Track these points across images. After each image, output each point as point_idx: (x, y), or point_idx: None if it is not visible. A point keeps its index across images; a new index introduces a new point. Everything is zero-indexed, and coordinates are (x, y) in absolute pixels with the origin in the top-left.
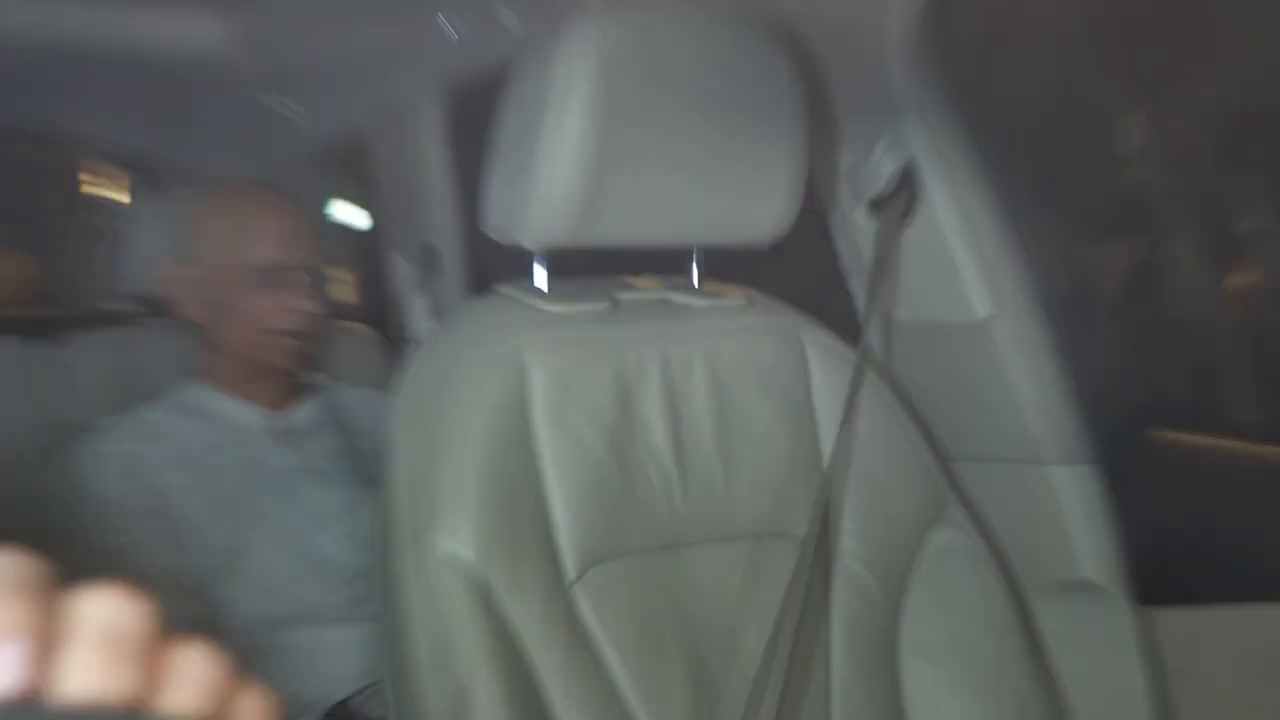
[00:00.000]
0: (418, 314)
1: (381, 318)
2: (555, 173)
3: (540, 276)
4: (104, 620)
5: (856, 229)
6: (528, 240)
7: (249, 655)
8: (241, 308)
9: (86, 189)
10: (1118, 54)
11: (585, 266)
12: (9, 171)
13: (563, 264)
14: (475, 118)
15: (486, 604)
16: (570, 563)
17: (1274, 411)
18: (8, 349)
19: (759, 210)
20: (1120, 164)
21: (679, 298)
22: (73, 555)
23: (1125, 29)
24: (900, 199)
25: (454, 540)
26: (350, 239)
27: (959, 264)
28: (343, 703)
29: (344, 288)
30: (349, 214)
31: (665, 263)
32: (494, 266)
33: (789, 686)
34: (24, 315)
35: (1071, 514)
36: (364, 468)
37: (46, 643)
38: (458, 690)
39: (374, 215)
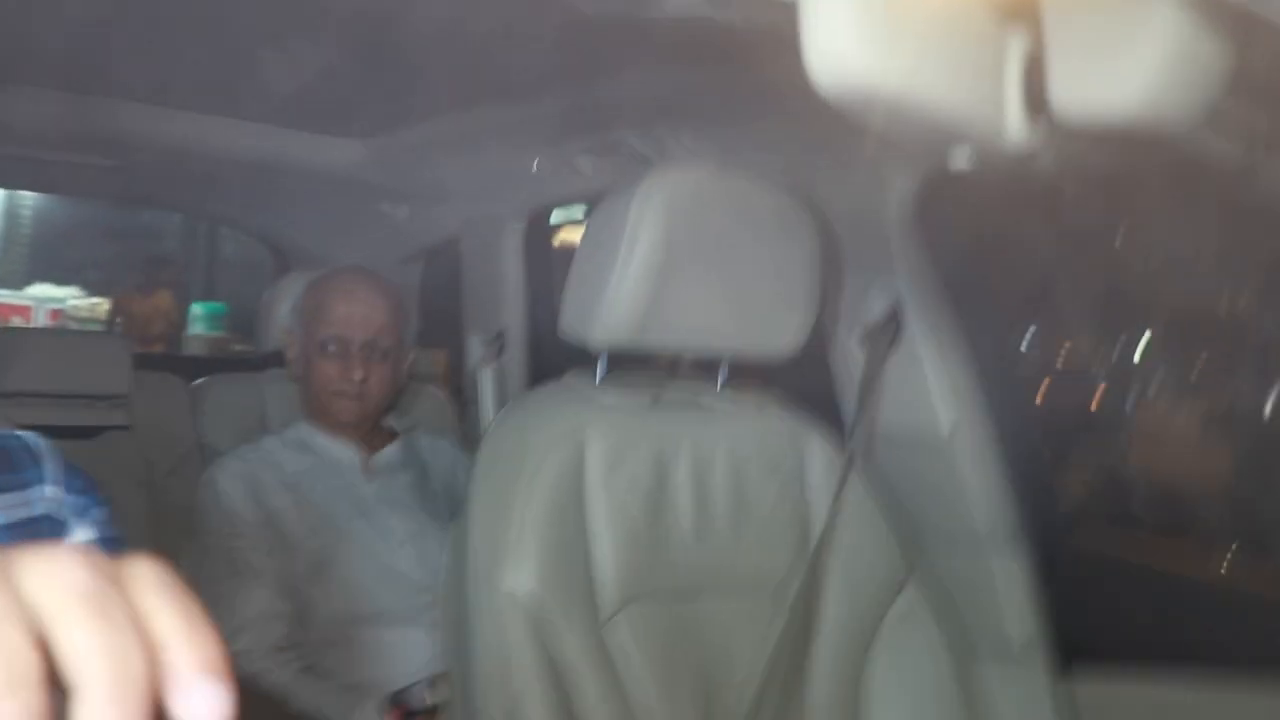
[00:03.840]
0: (486, 383)
1: (458, 384)
2: (623, 290)
3: (601, 370)
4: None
5: (849, 355)
6: (595, 340)
7: (332, 645)
8: (314, 370)
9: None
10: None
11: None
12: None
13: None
14: (545, 236)
15: (539, 632)
16: (608, 601)
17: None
18: (171, 382)
19: (777, 331)
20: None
21: (707, 398)
22: (202, 551)
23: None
24: (887, 333)
25: (517, 578)
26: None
27: (928, 388)
28: (402, 690)
29: (427, 359)
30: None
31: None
32: (548, 350)
33: (777, 713)
34: (178, 354)
35: (1007, 591)
36: (434, 503)
37: None
38: (512, 699)
39: (460, 303)
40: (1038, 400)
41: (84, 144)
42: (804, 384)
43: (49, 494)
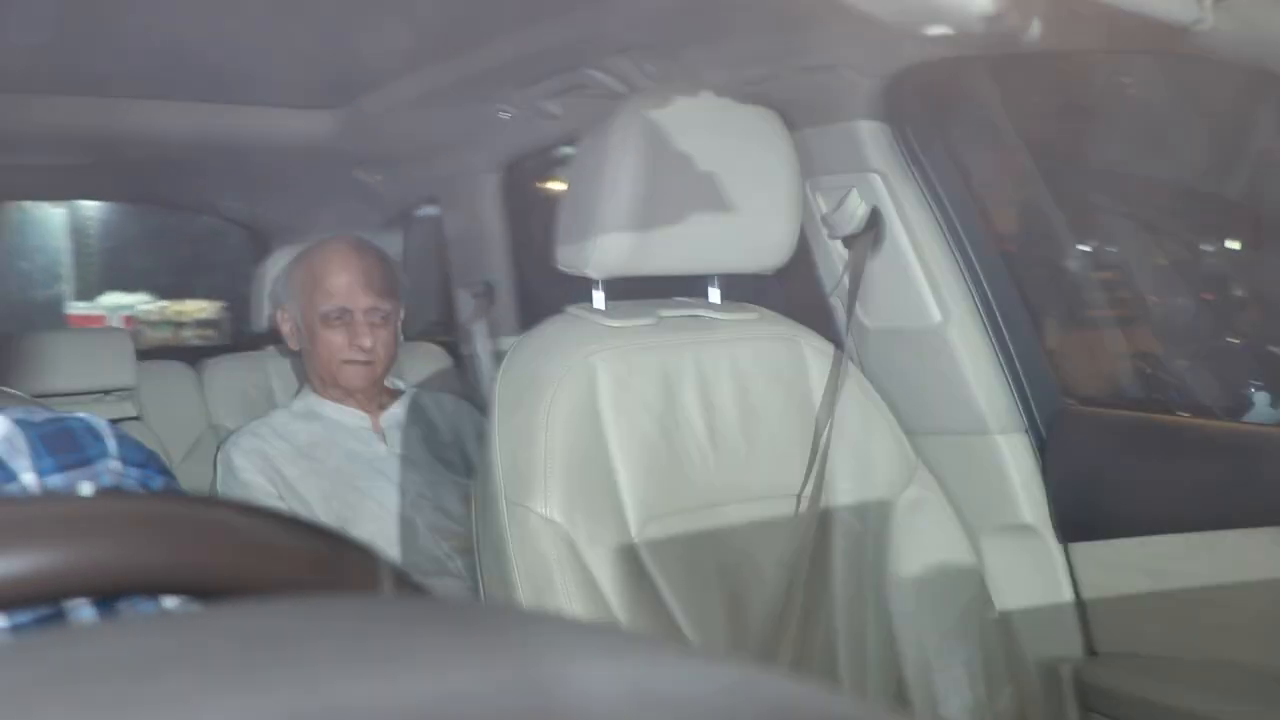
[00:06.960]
0: (479, 336)
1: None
2: (613, 219)
3: (600, 299)
4: None
5: (834, 259)
6: (592, 270)
7: None
8: (319, 341)
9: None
10: (1019, 125)
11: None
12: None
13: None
14: (524, 182)
15: (572, 553)
16: (633, 519)
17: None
18: (175, 369)
19: (766, 245)
20: (1030, 206)
21: (706, 313)
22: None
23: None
24: (868, 236)
25: (545, 506)
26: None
27: (916, 283)
28: None
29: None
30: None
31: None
32: (537, 297)
33: (805, 610)
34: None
35: (1010, 472)
36: (443, 455)
37: None
38: None
39: (444, 261)
40: (1029, 282)
41: (47, 145)
42: (797, 292)
43: (113, 467)
